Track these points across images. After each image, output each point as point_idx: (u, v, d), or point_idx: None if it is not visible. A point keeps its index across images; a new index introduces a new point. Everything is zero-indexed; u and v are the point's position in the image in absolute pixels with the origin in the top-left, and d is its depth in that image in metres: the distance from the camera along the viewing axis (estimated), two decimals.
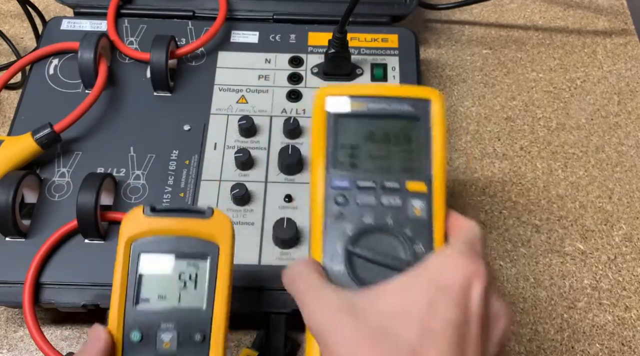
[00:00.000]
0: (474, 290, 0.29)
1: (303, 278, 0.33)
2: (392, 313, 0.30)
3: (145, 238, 0.35)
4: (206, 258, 0.35)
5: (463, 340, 0.29)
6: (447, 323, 0.29)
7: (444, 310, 0.29)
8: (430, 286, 0.30)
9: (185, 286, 0.35)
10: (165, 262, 0.35)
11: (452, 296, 0.29)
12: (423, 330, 0.29)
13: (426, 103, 0.37)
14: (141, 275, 0.34)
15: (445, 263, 0.31)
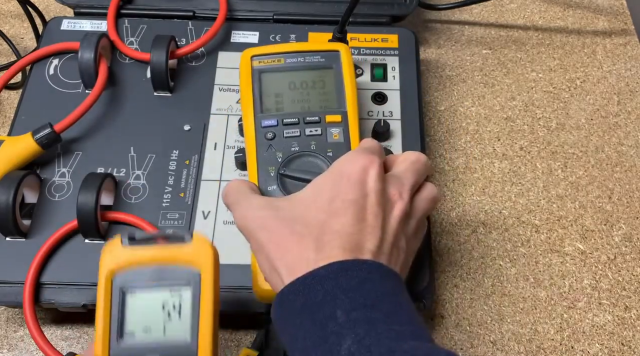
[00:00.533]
0: (369, 174, 0.37)
1: (235, 190, 0.40)
2: (305, 203, 0.37)
3: (126, 270, 0.33)
4: (188, 284, 0.33)
5: (363, 210, 0.36)
6: (348, 201, 0.36)
7: (345, 191, 0.36)
8: (334, 177, 0.37)
9: (170, 317, 0.33)
10: (148, 293, 0.33)
11: (351, 180, 0.36)
12: (329, 208, 0.36)
13: (336, 54, 0.48)
14: (124, 309, 0.33)
15: (345, 159, 0.38)
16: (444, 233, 0.53)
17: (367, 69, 0.56)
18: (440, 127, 0.59)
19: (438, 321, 0.49)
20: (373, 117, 0.53)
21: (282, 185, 0.43)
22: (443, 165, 0.57)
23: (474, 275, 0.51)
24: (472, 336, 0.49)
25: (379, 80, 0.55)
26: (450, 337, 0.49)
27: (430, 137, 0.59)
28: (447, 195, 0.55)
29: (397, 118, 0.53)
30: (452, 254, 0.52)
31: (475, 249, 0.53)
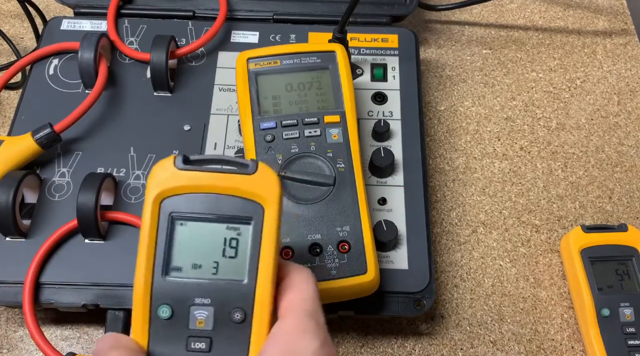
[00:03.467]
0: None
1: None
2: None
3: (177, 196, 0.29)
4: (249, 222, 0.29)
5: None
6: None
7: None
8: None
9: (224, 255, 0.29)
10: (201, 225, 0.29)
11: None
12: None
13: (332, 54, 0.47)
14: (172, 240, 0.29)
15: None
16: (444, 233, 0.53)
17: (367, 69, 0.56)
18: (440, 127, 0.59)
19: (438, 321, 0.49)
20: (373, 117, 0.53)
21: (284, 187, 0.43)
22: (443, 165, 0.57)
23: (474, 275, 0.51)
24: (472, 336, 0.49)
25: (379, 80, 0.55)
26: (451, 337, 0.49)
27: (430, 137, 0.59)
28: (447, 195, 0.55)
29: (397, 118, 0.53)
30: (452, 254, 0.52)
31: (476, 249, 0.53)
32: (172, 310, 0.28)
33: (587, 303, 0.47)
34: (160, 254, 0.29)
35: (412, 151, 0.51)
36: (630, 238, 0.50)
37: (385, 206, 0.49)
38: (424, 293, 0.46)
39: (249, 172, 0.29)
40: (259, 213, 0.29)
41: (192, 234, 0.29)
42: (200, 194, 0.29)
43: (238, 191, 0.29)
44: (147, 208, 0.29)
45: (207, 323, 0.28)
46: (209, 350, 0.28)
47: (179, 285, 0.28)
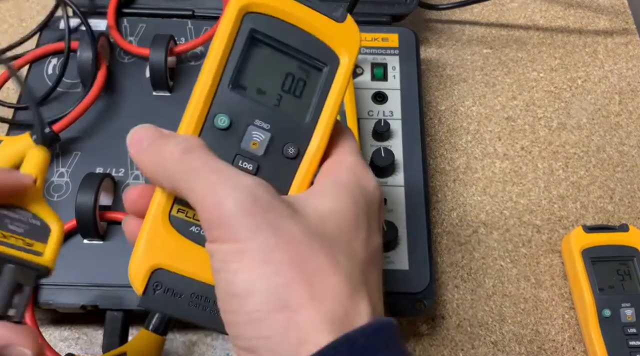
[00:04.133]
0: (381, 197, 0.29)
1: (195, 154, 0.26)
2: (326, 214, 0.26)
3: (263, 15, 0.28)
4: (322, 68, 0.28)
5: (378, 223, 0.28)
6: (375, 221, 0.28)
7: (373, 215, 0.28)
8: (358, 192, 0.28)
9: (290, 91, 0.28)
10: (276, 53, 0.28)
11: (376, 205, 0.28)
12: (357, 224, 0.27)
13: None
14: (247, 57, 0.28)
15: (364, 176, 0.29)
16: (444, 233, 0.53)
17: (367, 69, 0.55)
18: (441, 127, 0.59)
19: (439, 322, 0.49)
20: (373, 116, 0.53)
21: None
22: (444, 165, 0.57)
23: (475, 276, 0.51)
24: (473, 337, 0.49)
25: (379, 80, 0.55)
26: (451, 338, 0.48)
27: (430, 136, 0.58)
28: (447, 195, 0.55)
29: (398, 118, 0.53)
30: (453, 254, 0.52)
31: (476, 249, 0.52)
32: (231, 122, 0.28)
33: (588, 303, 0.47)
34: (232, 67, 0.28)
35: (412, 151, 0.51)
36: (631, 239, 0.50)
37: (386, 206, 0.48)
38: (425, 293, 0.45)
39: (339, 19, 0.29)
40: (334, 63, 0.28)
41: (265, 59, 0.28)
42: (285, 22, 0.28)
43: (323, 34, 0.28)
44: (229, 16, 0.28)
45: (260, 147, 0.28)
46: (255, 173, 0.28)
47: (243, 101, 0.28)
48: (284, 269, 0.24)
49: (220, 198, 0.24)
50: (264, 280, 0.23)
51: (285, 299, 0.23)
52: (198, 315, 0.26)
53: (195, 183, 0.25)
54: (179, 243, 0.27)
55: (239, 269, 0.24)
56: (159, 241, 0.27)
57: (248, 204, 0.24)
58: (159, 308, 0.26)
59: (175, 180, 0.26)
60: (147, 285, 0.26)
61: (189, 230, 0.27)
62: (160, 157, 0.26)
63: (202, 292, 0.26)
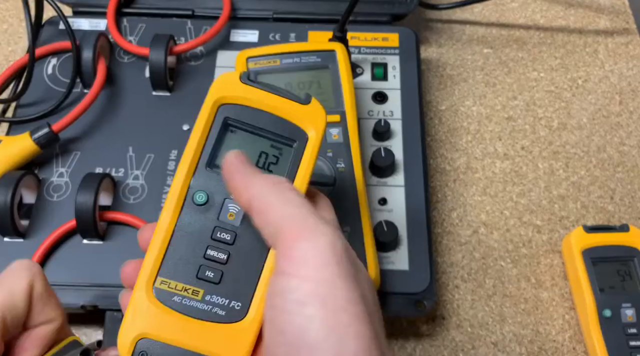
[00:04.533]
0: None
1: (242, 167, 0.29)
2: None
3: (235, 105, 0.31)
4: (292, 144, 0.31)
5: None
6: None
7: None
8: None
9: (264, 167, 0.31)
10: (249, 136, 0.31)
11: None
12: None
13: (332, 54, 0.47)
14: (221, 142, 0.31)
15: None
16: (444, 233, 0.53)
17: (368, 68, 0.55)
18: (441, 127, 0.59)
19: (439, 322, 0.49)
20: (373, 116, 0.53)
21: None
22: (444, 165, 0.57)
23: (475, 276, 0.51)
24: (474, 337, 0.48)
25: (380, 80, 0.55)
26: (452, 338, 0.48)
27: (431, 136, 0.58)
28: (448, 196, 0.55)
29: (398, 118, 0.53)
30: (453, 255, 0.52)
31: (477, 250, 0.52)
32: (208, 198, 0.30)
33: (589, 303, 0.47)
34: (208, 150, 0.31)
35: (412, 151, 0.51)
36: (632, 239, 0.50)
37: (386, 206, 0.48)
38: (425, 294, 0.45)
39: (303, 102, 0.32)
40: (302, 139, 0.31)
41: (240, 141, 0.31)
42: (255, 109, 0.31)
43: (290, 115, 0.31)
44: (205, 109, 0.32)
45: (236, 218, 0.30)
46: (233, 242, 0.30)
47: (219, 178, 0.30)
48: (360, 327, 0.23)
49: (314, 235, 0.24)
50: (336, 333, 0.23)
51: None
52: None
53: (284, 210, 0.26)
54: (162, 313, 0.28)
55: (314, 316, 0.23)
56: (143, 312, 0.28)
57: (339, 250, 0.24)
58: None
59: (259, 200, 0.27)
60: (133, 353, 0.28)
61: (171, 300, 0.29)
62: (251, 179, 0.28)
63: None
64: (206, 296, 0.29)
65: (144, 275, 0.29)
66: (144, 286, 0.29)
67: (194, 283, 0.29)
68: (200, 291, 0.29)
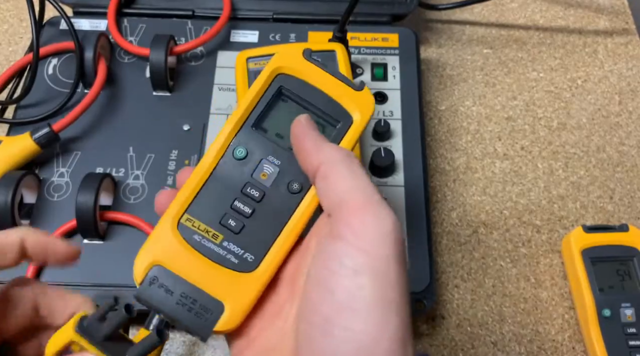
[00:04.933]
0: None
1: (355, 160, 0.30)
2: None
3: (292, 77, 0.33)
4: (336, 124, 0.33)
5: None
6: None
7: None
8: None
9: None
10: (298, 108, 0.33)
11: None
12: None
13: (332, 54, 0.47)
14: (272, 107, 0.33)
15: None
16: (444, 233, 0.53)
17: (368, 69, 0.55)
18: (441, 127, 0.59)
19: (439, 321, 0.49)
20: (373, 116, 0.53)
21: None
22: (444, 165, 0.57)
23: (475, 276, 0.51)
24: (473, 337, 0.49)
25: (380, 80, 0.55)
26: (451, 338, 0.48)
27: (431, 136, 0.58)
28: (447, 195, 0.55)
29: (398, 118, 0.53)
30: (453, 254, 0.52)
31: (476, 249, 0.53)
32: (247, 154, 0.32)
33: (588, 303, 0.47)
34: (257, 112, 0.32)
35: (412, 151, 0.51)
36: (631, 239, 0.50)
37: None
38: (425, 293, 0.45)
39: (356, 89, 0.33)
40: (347, 121, 0.33)
41: (288, 111, 0.33)
42: (310, 84, 0.33)
43: (340, 97, 0.33)
44: (264, 74, 0.33)
45: (269, 179, 0.32)
46: (260, 200, 0.31)
47: (261, 139, 0.32)
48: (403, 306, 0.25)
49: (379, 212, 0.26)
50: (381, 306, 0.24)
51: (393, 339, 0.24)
52: (182, 315, 0.29)
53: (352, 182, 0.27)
54: (181, 247, 0.30)
55: (365, 286, 0.24)
56: (164, 242, 0.30)
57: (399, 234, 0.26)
58: (151, 301, 0.29)
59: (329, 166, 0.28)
60: (145, 277, 0.29)
61: (192, 238, 0.30)
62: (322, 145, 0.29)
63: (191, 294, 0.29)
64: (224, 242, 0.30)
65: (173, 208, 0.31)
66: (171, 219, 0.30)
67: (216, 228, 0.31)
68: (220, 236, 0.30)
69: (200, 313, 0.29)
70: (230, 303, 0.29)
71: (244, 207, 0.31)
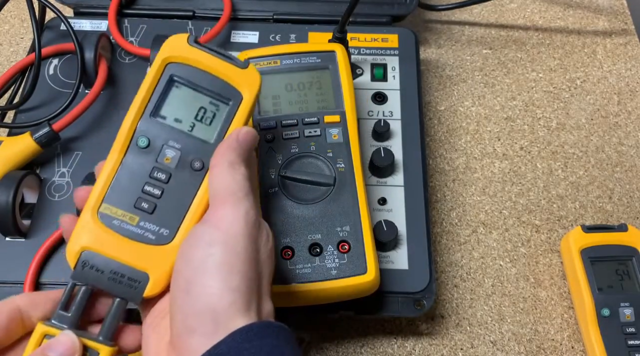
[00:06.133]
0: None
1: None
2: None
3: (181, 64, 0.36)
4: (228, 102, 0.36)
5: None
6: None
7: None
8: None
9: (201, 120, 0.36)
10: (191, 92, 0.36)
11: None
12: None
13: (332, 54, 0.48)
14: (166, 94, 0.36)
15: None
16: (444, 233, 0.53)
17: (367, 69, 0.55)
18: (440, 127, 0.59)
19: (438, 321, 0.49)
20: (373, 117, 0.53)
21: (284, 186, 0.43)
22: (443, 165, 0.57)
23: (474, 275, 0.51)
24: (473, 336, 0.49)
25: (379, 80, 0.55)
26: (451, 337, 0.49)
27: (430, 137, 0.59)
28: (447, 195, 0.55)
29: (397, 118, 0.53)
30: (453, 254, 0.52)
31: (476, 249, 0.53)
32: (149, 142, 0.35)
33: (587, 303, 0.47)
34: (154, 101, 0.36)
35: (412, 151, 0.51)
36: (630, 238, 0.50)
37: (385, 206, 0.49)
38: (424, 293, 0.45)
39: (241, 66, 0.37)
40: (237, 99, 0.37)
41: (182, 96, 0.36)
42: (198, 69, 0.36)
43: (228, 77, 0.36)
44: (154, 66, 0.36)
45: (172, 161, 0.35)
46: (167, 181, 0.35)
47: (161, 126, 0.36)
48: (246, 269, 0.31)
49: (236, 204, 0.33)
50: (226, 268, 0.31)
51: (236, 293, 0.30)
52: (115, 288, 0.33)
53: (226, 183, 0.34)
54: (104, 232, 0.34)
55: (215, 254, 0.31)
56: (88, 230, 0.34)
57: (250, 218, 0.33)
58: (86, 280, 0.33)
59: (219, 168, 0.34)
60: (77, 261, 0.33)
61: (112, 223, 0.34)
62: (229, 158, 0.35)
63: (119, 269, 0.33)
64: (141, 222, 0.34)
65: (91, 200, 0.34)
66: (91, 210, 0.34)
67: (131, 211, 0.35)
68: (136, 217, 0.34)
69: (130, 284, 0.33)
70: (153, 273, 0.34)
71: (153, 189, 0.35)
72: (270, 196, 0.43)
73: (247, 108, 0.36)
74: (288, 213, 0.43)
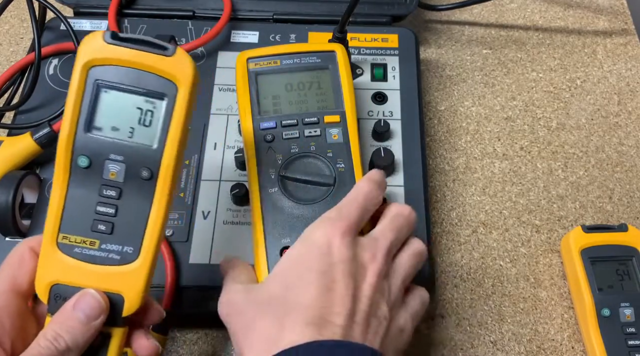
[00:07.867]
0: (334, 243, 0.36)
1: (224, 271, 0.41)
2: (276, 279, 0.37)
3: (103, 67, 0.32)
4: (163, 98, 0.33)
5: (330, 281, 0.35)
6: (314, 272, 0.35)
7: (311, 263, 0.35)
8: (303, 247, 0.37)
9: (139, 123, 0.33)
10: (122, 94, 0.33)
11: (316, 251, 0.36)
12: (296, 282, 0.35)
13: (332, 54, 0.48)
14: (96, 103, 0.33)
15: (314, 225, 0.38)
16: (444, 233, 0.53)
17: (367, 69, 0.55)
18: (440, 127, 0.59)
19: (438, 321, 0.49)
20: (373, 117, 0.53)
21: (283, 187, 0.43)
22: (443, 165, 0.57)
23: (474, 275, 0.51)
24: (473, 336, 0.49)
25: (379, 80, 0.55)
26: (451, 337, 0.49)
27: (430, 137, 0.59)
28: (447, 195, 0.55)
29: (397, 118, 0.53)
30: (453, 254, 0.52)
31: (476, 249, 0.53)
32: (90, 161, 0.33)
33: (588, 303, 0.47)
34: (84, 114, 0.33)
35: (412, 151, 0.51)
36: (630, 238, 0.50)
37: None
38: None
39: (168, 54, 0.33)
40: (172, 91, 0.33)
41: (114, 101, 0.33)
42: (123, 67, 0.32)
43: (156, 69, 0.33)
44: (75, 74, 0.32)
45: (118, 176, 0.33)
46: (119, 197, 0.33)
47: (98, 141, 0.33)
48: None
49: None
50: None
51: None
52: None
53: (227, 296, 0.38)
54: (67, 263, 0.33)
55: None
56: (51, 263, 0.33)
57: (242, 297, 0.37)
58: None
59: None
60: (49, 297, 0.33)
61: (73, 251, 0.33)
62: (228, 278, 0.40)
63: None
64: (102, 245, 0.33)
65: (47, 232, 0.33)
66: (49, 242, 0.33)
67: (90, 236, 0.33)
68: (97, 241, 0.33)
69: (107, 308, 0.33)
70: (126, 293, 0.33)
71: (107, 209, 0.33)
72: (271, 196, 0.43)
73: (184, 101, 0.33)
74: (288, 213, 0.43)
